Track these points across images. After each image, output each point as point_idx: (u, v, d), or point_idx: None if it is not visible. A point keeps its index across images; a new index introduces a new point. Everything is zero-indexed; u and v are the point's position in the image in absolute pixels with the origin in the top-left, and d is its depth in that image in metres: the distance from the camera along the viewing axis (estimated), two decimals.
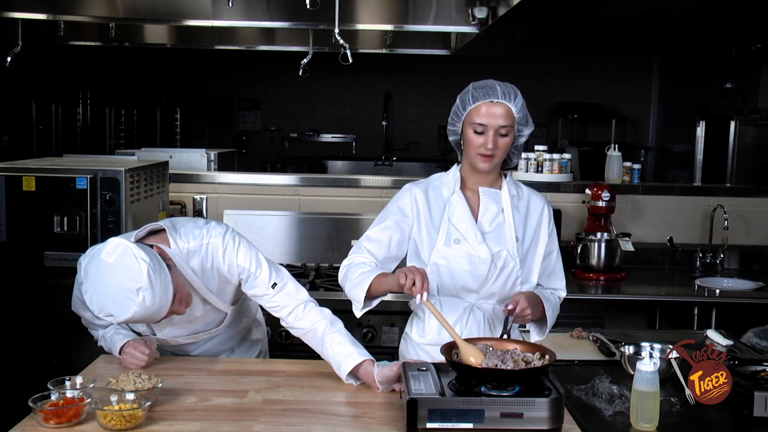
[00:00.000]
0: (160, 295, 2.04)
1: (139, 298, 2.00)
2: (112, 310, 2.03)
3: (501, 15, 3.78)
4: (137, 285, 1.99)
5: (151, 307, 2.02)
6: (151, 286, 2.01)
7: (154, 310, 2.05)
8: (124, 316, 2.02)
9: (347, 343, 2.27)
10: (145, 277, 2.00)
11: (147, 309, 2.02)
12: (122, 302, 2.01)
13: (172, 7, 4.19)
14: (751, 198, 4.32)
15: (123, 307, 2.01)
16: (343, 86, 9.16)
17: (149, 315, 2.06)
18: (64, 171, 3.44)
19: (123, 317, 2.03)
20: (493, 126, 2.23)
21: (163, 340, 2.46)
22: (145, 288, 2.00)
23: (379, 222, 2.40)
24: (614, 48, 8.85)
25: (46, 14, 4.26)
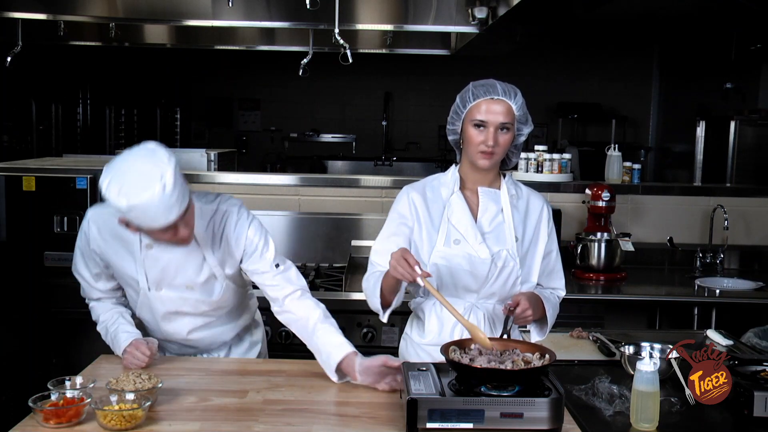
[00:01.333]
0: (178, 194, 2.06)
1: (159, 184, 2.01)
2: (127, 190, 2.01)
3: (501, 15, 3.78)
4: (161, 172, 2.02)
5: (166, 199, 2.02)
6: (174, 180, 2.03)
7: (166, 207, 2.04)
8: (137, 199, 2.00)
9: (338, 335, 2.30)
10: (171, 170, 2.04)
11: (161, 200, 2.02)
12: (142, 183, 2.01)
13: (172, 7, 4.20)
14: (751, 198, 4.32)
15: (141, 188, 2.01)
16: (343, 86, 9.16)
17: (160, 209, 2.03)
18: (64, 171, 3.45)
19: (136, 200, 2.01)
20: (494, 123, 2.23)
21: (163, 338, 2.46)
22: (168, 178, 2.02)
23: (381, 232, 2.40)
24: (614, 48, 8.85)
25: (46, 14, 4.26)
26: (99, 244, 2.35)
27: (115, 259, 2.35)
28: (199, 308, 2.41)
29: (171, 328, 2.45)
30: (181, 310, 2.40)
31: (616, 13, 6.76)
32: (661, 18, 7.38)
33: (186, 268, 2.34)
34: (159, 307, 2.39)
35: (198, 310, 2.42)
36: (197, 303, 2.40)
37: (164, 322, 2.43)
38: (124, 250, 2.33)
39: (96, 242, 2.35)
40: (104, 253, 2.36)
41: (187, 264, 2.34)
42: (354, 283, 3.57)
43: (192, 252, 2.33)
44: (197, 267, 2.35)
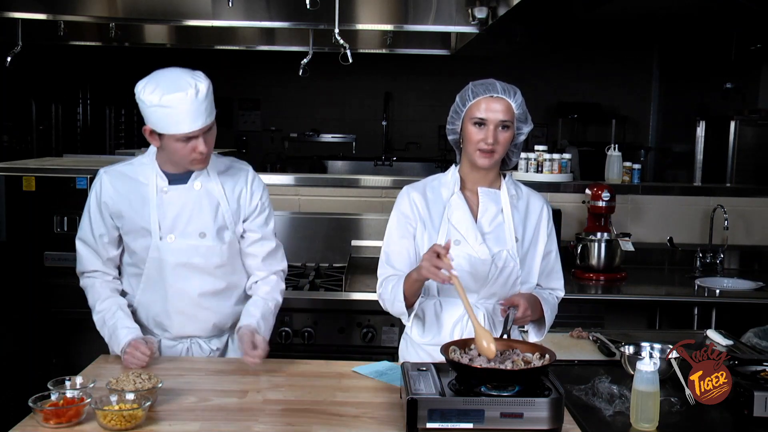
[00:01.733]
0: (207, 105, 2.24)
1: (192, 89, 2.19)
2: (162, 88, 2.19)
3: (501, 15, 3.78)
4: (196, 81, 2.22)
5: (197, 104, 2.20)
6: (207, 91, 2.23)
7: (195, 111, 2.20)
8: (170, 96, 2.17)
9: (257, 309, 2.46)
10: (205, 83, 2.24)
11: (192, 103, 2.19)
12: (177, 84, 2.20)
13: (172, 7, 4.20)
14: (751, 198, 4.32)
15: (175, 87, 2.19)
16: (343, 86, 9.16)
17: (190, 111, 2.19)
18: (64, 171, 3.45)
19: (169, 97, 2.17)
20: (494, 120, 2.23)
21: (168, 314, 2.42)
22: (202, 87, 2.21)
23: (389, 235, 2.39)
24: (614, 48, 8.85)
25: (46, 14, 4.26)
26: (111, 195, 2.39)
27: (128, 209, 2.38)
28: (210, 259, 2.41)
29: (180, 288, 2.41)
30: (192, 261, 2.40)
31: (616, 13, 6.76)
32: (661, 18, 7.37)
33: (200, 214, 2.39)
34: (169, 258, 2.38)
35: (209, 261, 2.41)
36: (208, 252, 2.40)
37: (174, 280, 2.40)
38: (138, 198, 2.37)
39: (108, 193, 2.39)
40: (116, 203, 2.38)
41: (201, 209, 2.39)
42: (354, 283, 3.57)
43: (207, 197, 2.40)
44: (211, 213, 2.40)
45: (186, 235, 2.38)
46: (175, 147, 2.27)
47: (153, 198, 2.36)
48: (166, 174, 2.39)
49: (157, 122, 2.24)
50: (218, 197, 2.42)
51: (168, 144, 2.27)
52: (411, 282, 2.22)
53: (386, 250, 2.38)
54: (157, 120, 2.23)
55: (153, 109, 2.21)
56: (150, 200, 2.36)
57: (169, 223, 2.37)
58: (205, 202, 2.40)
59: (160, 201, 2.36)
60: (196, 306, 2.45)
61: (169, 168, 2.39)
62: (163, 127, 2.24)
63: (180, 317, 2.46)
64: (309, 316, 3.35)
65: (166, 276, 2.40)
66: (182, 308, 2.45)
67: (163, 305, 2.44)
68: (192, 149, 2.27)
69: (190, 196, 2.39)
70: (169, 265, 2.39)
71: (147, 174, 2.39)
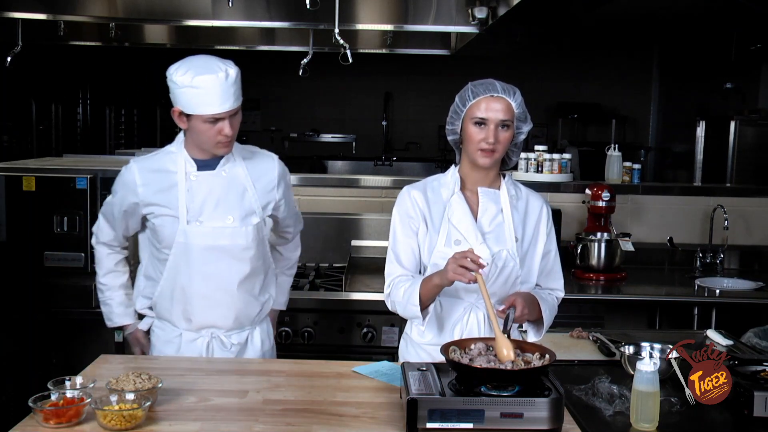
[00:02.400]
0: (236, 89, 2.36)
1: (223, 72, 2.31)
2: (195, 70, 2.31)
3: (501, 15, 3.78)
4: (227, 66, 2.35)
5: (226, 86, 2.32)
6: (236, 75, 2.35)
7: (225, 93, 2.31)
8: (202, 77, 2.29)
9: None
10: (235, 68, 2.37)
11: (222, 85, 2.31)
12: (208, 67, 2.33)
13: (172, 7, 4.20)
14: (751, 198, 4.32)
15: (207, 69, 2.31)
16: (343, 86, 9.16)
17: (219, 92, 2.30)
18: (64, 171, 3.45)
19: (201, 77, 2.29)
20: (494, 120, 2.23)
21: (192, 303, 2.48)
22: (231, 71, 2.34)
23: (394, 235, 2.38)
24: (614, 48, 8.85)
25: (46, 14, 4.26)
26: (140, 184, 2.46)
27: (157, 196, 2.44)
28: (236, 241, 2.45)
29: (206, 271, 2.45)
30: (218, 243, 2.44)
31: (616, 13, 6.76)
32: (661, 18, 7.37)
33: (227, 198, 2.45)
34: (196, 241, 2.43)
35: (235, 243, 2.45)
36: (234, 234, 2.45)
37: (200, 264, 2.44)
38: (167, 185, 2.44)
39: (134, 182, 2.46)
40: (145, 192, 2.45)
41: (228, 194, 2.46)
42: (354, 283, 3.57)
43: (234, 183, 2.47)
44: (238, 198, 2.47)
45: (213, 219, 2.44)
46: (202, 128, 2.35)
47: (182, 183, 2.43)
48: (194, 160, 2.46)
49: (186, 103, 2.33)
50: (245, 183, 2.49)
51: (195, 125, 2.36)
52: (431, 287, 2.22)
53: (393, 250, 2.37)
54: (186, 100, 2.33)
55: (184, 90, 2.32)
56: (179, 186, 2.43)
57: (197, 208, 2.43)
58: (232, 187, 2.47)
59: (189, 186, 2.43)
60: (220, 291, 2.49)
61: (196, 154, 2.46)
62: (192, 107, 2.33)
63: (204, 303, 2.49)
64: (309, 316, 3.35)
65: (192, 260, 2.45)
66: (207, 293, 2.48)
67: (188, 290, 2.48)
68: (218, 131, 2.35)
69: (217, 181, 2.45)
70: (195, 248, 2.44)
71: (175, 161, 2.46)
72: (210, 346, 2.54)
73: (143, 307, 2.61)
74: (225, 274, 2.47)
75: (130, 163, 2.51)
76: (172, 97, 2.38)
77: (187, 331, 2.53)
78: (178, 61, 2.37)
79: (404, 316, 2.34)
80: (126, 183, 2.49)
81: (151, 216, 2.47)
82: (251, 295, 2.56)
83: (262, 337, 2.64)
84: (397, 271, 2.35)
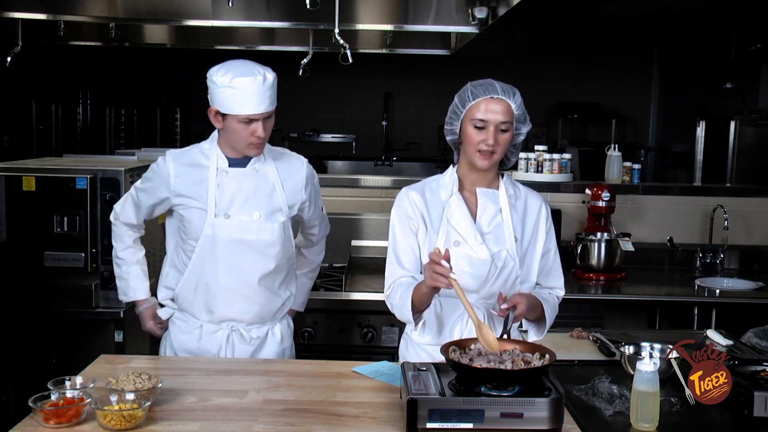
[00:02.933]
0: (273, 93, 2.44)
1: (261, 75, 2.40)
2: (234, 71, 2.39)
3: (501, 15, 3.78)
4: (265, 70, 2.43)
5: (264, 89, 2.40)
6: (274, 79, 2.43)
7: (261, 95, 2.40)
8: (243, 76, 2.37)
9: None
10: (272, 73, 2.45)
11: (260, 87, 2.39)
12: (247, 69, 2.41)
13: (172, 7, 4.20)
14: (751, 198, 4.32)
15: (246, 71, 2.40)
16: (343, 86, 9.15)
17: (257, 94, 2.39)
18: (64, 171, 3.44)
19: (240, 78, 2.37)
20: (494, 122, 2.23)
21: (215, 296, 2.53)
22: (269, 75, 2.43)
23: (394, 236, 2.38)
24: (614, 48, 8.85)
25: (46, 14, 4.26)
26: (174, 175, 2.53)
27: (186, 189, 2.52)
28: (261, 236, 2.51)
29: (231, 264, 2.51)
30: (243, 237, 2.50)
31: (616, 13, 6.76)
32: (661, 18, 7.37)
33: (256, 195, 2.52)
34: (223, 234, 2.49)
35: (260, 238, 2.51)
36: (260, 229, 2.50)
37: (226, 257, 2.50)
38: (198, 178, 2.51)
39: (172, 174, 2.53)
40: (178, 183, 2.53)
41: (257, 191, 2.53)
42: (354, 283, 3.57)
43: (263, 181, 2.55)
44: (266, 195, 2.54)
45: (241, 214, 2.50)
46: (236, 128, 2.43)
47: (213, 177, 2.50)
48: (226, 158, 2.54)
49: (223, 102, 2.41)
50: (273, 181, 2.56)
51: (230, 125, 2.44)
52: (421, 293, 2.22)
53: (394, 252, 2.37)
54: (224, 100, 2.40)
55: (222, 90, 2.40)
56: (210, 179, 2.50)
57: (226, 202, 2.50)
58: (261, 185, 2.54)
59: (220, 180, 2.51)
60: (244, 285, 2.54)
61: (229, 153, 2.53)
62: (229, 107, 2.41)
63: (227, 295, 2.54)
64: (309, 316, 3.35)
65: (218, 253, 2.50)
66: (230, 286, 2.53)
67: (212, 283, 2.53)
68: (251, 132, 2.43)
69: (248, 178, 2.53)
70: (222, 241, 2.49)
71: (209, 156, 2.54)
72: (230, 338, 2.58)
73: (165, 298, 2.67)
74: (248, 268, 2.53)
75: (166, 155, 2.59)
76: (210, 97, 2.46)
77: (209, 323, 2.58)
78: (219, 64, 2.46)
79: (400, 318, 2.34)
80: (160, 174, 2.56)
81: (181, 208, 2.54)
82: (272, 291, 2.60)
83: (282, 333, 2.68)
84: (397, 272, 2.35)
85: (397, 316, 2.33)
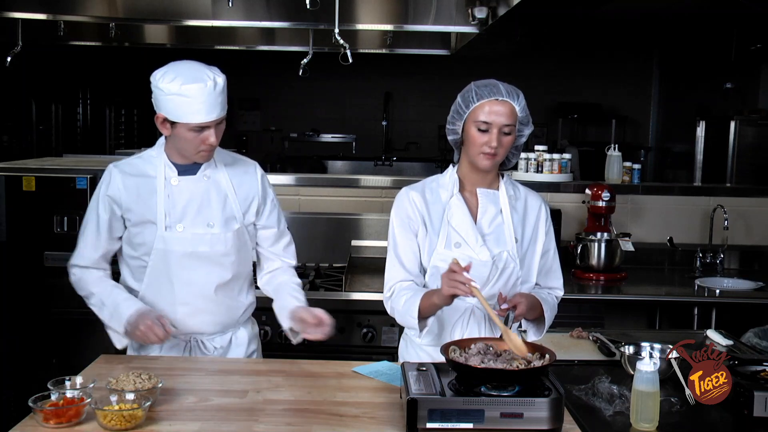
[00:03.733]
0: (223, 99, 2.31)
1: (211, 81, 2.26)
2: (183, 77, 2.25)
3: (501, 15, 3.78)
4: (214, 74, 2.29)
5: (214, 96, 2.27)
6: (223, 84, 2.30)
7: (212, 102, 2.27)
8: (190, 84, 2.23)
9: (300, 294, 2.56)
10: (222, 76, 2.31)
11: (210, 94, 2.26)
12: (197, 75, 2.26)
13: (172, 7, 4.20)
14: (751, 198, 4.32)
15: (195, 78, 2.25)
16: (343, 86, 9.16)
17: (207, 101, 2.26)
18: (64, 171, 3.45)
19: (189, 85, 2.23)
20: (498, 124, 2.22)
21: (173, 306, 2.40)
22: (219, 80, 2.29)
23: (394, 237, 2.37)
24: (614, 48, 8.85)
25: (46, 14, 4.26)
26: (119, 188, 2.40)
27: (136, 202, 2.39)
28: (215, 247, 2.41)
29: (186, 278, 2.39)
30: (197, 249, 2.39)
31: (616, 13, 6.77)
32: (661, 18, 7.38)
33: (209, 204, 2.41)
34: (175, 248, 2.38)
35: (214, 249, 2.41)
36: (214, 240, 2.40)
37: (180, 270, 2.39)
38: (146, 190, 2.40)
39: (116, 186, 2.41)
40: (124, 197, 2.39)
41: (210, 200, 2.42)
42: (354, 283, 3.57)
43: (215, 189, 2.43)
44: (219, 203, 2.43)
45: (194, 225, 2.40)
46: (187, 136, 2.31)
47: (161, 189, 2.39)
48: (174, 165, 2.42)
49: (173, 110, 2.28)
50: (226, 188, 2.45)
51: (180, 133, 2.31)
52: (429, 304, 2.22)
53: (395, 253, 2.36)
54: (173, 108, 2.27)
55: (171, 98, 2.26)
56: (158, 191, 2.39)
57: (178, 213, 2.39)
58: (214, 193, 2.43)
59: (170, 191, 2.39)
60: (201, 297, 2.43)
61: (177, 159, 2.41)
62: (179, 115, 2.28)
63: (185, 309, 2.43)
64: None
65: (172, 267, 2.40)
66: (188, 300, 2.43)
67: (168, 298, 2.42)
68: (203, 140, 2.32)
69: (199, 186, 2.42)
70: (175, 255, 2.39)
71: (155, 165, 2.42)
72: (190, 349, 2.49)
73: None
74: (204, 279, 2.42)
75: (110, 166, 2.45)
76: (156, 103, 2.32)
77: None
78: (162, 67, 2.32)
79: (401, 324, 2.34)
80: (106, 185, 2.42)
81: (129, 223, 2.42)
82: (231, 299, 2.50)
83: (248, 337, 2.59)
84: (399, 275, 2.34)
85: (397, 320, 2.33)
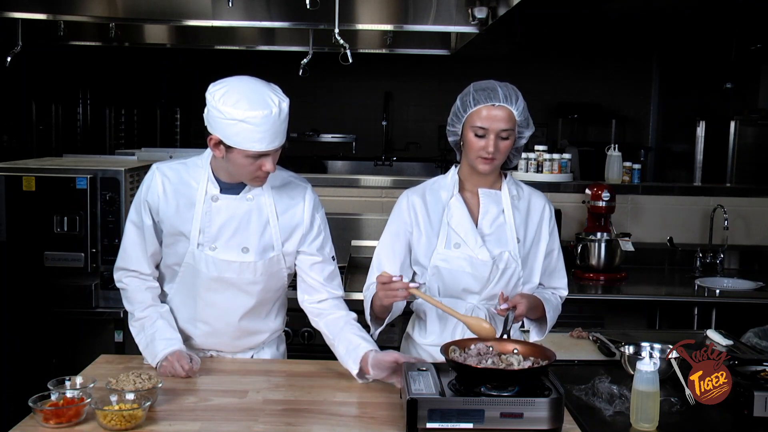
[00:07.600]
0: (286, 127, 2.15)
1: (276, 107, 2.09)
2: (247, 102, 2.07)
3: (501, 15, 3.78)
4: (279, 98, 2.12)
5: (278, 124, 2.11)
6: (287, 111, 2.13)
7: (275, 130, 2.10)
8: (254, 112, 2.05)
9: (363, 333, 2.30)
10: (286, 101, 2.15)
11: (274, 122, 2.09)
12: (261, 100, 2.08)
13: (172, 7, 4.20)
14: (751, 198, 4.32)
15: (259, 104, 2.07)
16: (343, 86, 9.15)
17: (270, 130, 2.09)
18: (64, 171, 3.45)
19: (253, 113, 2.05)
20: (494, 129, 2.22)
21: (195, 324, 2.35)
22: (284, 106, 2.12)
23: (383, 238, 2.41)
24: (614, 48, 8.84)
25: (46, 14, 4.27)
26: (158, 194, 2.27)
27: (172, 211, 2.26)
28: (243, 275, 2.26)
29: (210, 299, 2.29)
30: (224, 275, 2.26)
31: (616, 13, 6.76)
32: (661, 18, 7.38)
33: (247, 228, 2.26)
34: (204, 270, 2.26)
35: (242, 277, 2.27)
36: (242, 268, 2.26)
37: (205, 290, 2.29)
38: (185, 201, 2.25)
39: (155, 192, 2.27)
40: (159, 205, 2.26)
41: (249, 223, 2.26)
42: (354, 283, 3.57)
43: (257, 212, 2.27)
44: (259, 228, 2.27)
45: (228, 248, 2.25)
46: (243, 162, 2.14)
47: (200, 204, 2.24)
48: (218, 181, 2.27)
49: (231, 136, 2.09)
50: (268, 214, 2.28)
51: (235, 158, 2.14)
52: (378, 305, 2.28)
53: (378, 253, 2.41)
54: (233, 134, 2.08)
55: (231, 123, 2.07)
56: (196, 206, 2.25)
57: (213, 233, 2.25)
58: (255, 216, 2.27)
59: (208, 208, 2.24)
60: (223, 321, 2.35)
61: (222, 176, 2.26)
62: (238, 141, 2.09)
63: (206, 328, 2.36)
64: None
65: (198, 286, 2.30)
66: (209, 320, 2.35)
67: (191, 313, 2.35)
68: (258, 167, 2.15)
69: (240, 207, 2.26)
70: (202, 275, 2.28)
71: (199, 178, 2.27)
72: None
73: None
74: (227, 304, 2.32)
75: (153, 167, 2.33)
76: (211, 122, 2.13)
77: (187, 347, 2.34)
78: (222, 83, 2.13)
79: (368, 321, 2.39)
80: (147, 187, 2.30)
81: (162, 233, 2.31)
82: (255, 323, 2.39)
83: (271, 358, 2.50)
84: (372, 275, 2.39)
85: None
